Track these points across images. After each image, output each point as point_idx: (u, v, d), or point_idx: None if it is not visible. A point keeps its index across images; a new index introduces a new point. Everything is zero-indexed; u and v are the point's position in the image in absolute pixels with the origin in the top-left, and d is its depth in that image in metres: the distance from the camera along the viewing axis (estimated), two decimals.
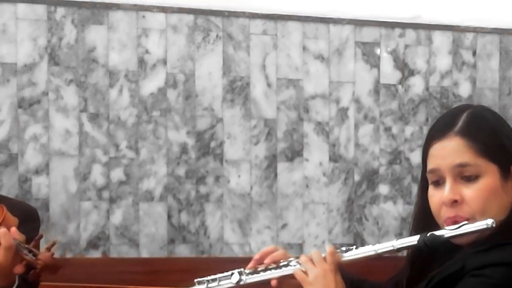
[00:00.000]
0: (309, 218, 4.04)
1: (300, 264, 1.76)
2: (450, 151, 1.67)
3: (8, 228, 2.12)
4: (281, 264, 1.80)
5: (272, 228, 3.99)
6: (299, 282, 1.72)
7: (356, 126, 4.11)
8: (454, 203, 1.65)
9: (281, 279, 1.78)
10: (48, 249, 2.15)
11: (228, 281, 1.84)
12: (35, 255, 2.10)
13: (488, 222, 1.59)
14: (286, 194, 4.00)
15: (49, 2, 3.66)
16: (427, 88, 4.21)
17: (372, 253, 1.72)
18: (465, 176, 1.66)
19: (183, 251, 3.87)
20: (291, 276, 1.76)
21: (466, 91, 4.27)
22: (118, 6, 3.76)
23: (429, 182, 1.72)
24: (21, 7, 3.63)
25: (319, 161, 4.05)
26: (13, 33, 3.62)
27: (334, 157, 4.07)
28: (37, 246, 2.15)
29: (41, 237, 2.18)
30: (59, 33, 3.69)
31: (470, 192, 1.64)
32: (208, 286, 1.88)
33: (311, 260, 1.74)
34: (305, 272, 1.73)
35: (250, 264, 1.85)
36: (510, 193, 1.68)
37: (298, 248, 4.00)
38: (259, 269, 1.83)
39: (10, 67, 3.63)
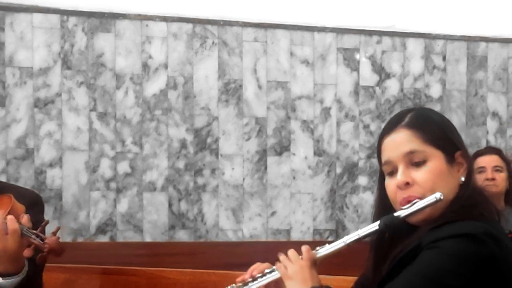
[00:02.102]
0: (295, 206, 4.10)
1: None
2: (399, 141, 1.72)
3: (17, 215, 2.13)
4: (266, 272, 1.81)
5: (263, 215, 4.05)
6: None
7: (338, 124, 4.16)
8: (407, 185, 1.69)
9: (268, 286, 1.79)
10: (54, 233, 2.15)
11: None
12: (42, 239, 2.09)
13: (437, 195, 1.64)
14: (275, 185, 4.07)
15: (62, 12, 3.75)
16: (401, 90, 4.27)
17: (342, 245, 1.73)
18: (414, 162, 1.69)
19: (182, 236, 3.93)
20: (276, 284, 1.78)
21: (437, 92, 4.33)
22: (124, 16, 3.85)
23: (385, 174, 1.76)
24: (37, 16, 3.72)
25: (305, 155, 4.12)
26: (29, 40, 3.71)
27: (318, 152, 4.14)
28: (43, 231, 2.16)
29: (46, 223, 2.18)
30: (71, 40, 3.78)
31: (419, 174, 1.69)
32: None
33: (289, 259, 1.76)
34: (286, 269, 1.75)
35: (240, 277, 1.84)
36: (456, 177, 1.71)
37: (286, 234, 4.07)
38: (248, 281, 1.82)
39: (27, 70, 3.71)
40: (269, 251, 1.89)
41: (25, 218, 2.09)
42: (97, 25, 3.83)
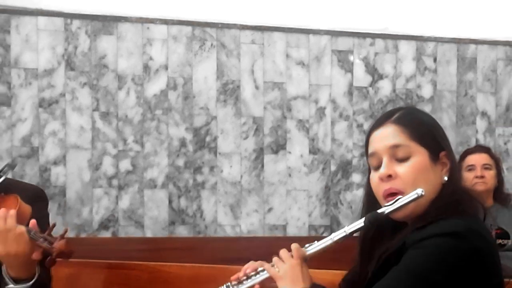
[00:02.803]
0: (291, 203, 4.14)
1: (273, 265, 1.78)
2: (386, 135, 1.74)
3: (24, 216, 2.10)
4: (259, 270, 1.81)
5: (260, 211, 4.09)
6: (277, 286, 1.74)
7: (332, 123, 4.20)
8: (389, 177, 1.71)
9: (262, 284, 1.79)
10: (62, 236, 2.09)
11: None
12: (50, 243, 2.06)
13: (418, 191, 1.65)
14: (271, 182, 4.11)
15: (66, 15, 3.80)
16: (394, 90, 4.31)
17: (330, 242, 1.74)
18: (398, 157, 1.71)
19: (182, 231, 3.97)
20: (270, 281, 1.78)
21: (428, 93, 4.37)
22: (126, 19, 3.90)
23: (370, 167, 1.78)
24: (42, 19, 3.78)
25: (300, 153, 4.16)
26: (34, 42, 3.76)
27: (313, 150, 4.18)
28: (50, 234, 2.11)
29: (53, 226, 2.14)
30: (74, 42, 3.83)
31: (402, 169, 1.70)
32: None
33: (281, 259, 1.76)
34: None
35: (235, 276, 1.84)
36: (439, 175, 1.73)
37: (282, 229, 4.11)
38: (242, 279, 1.81)
39: (32, 72, 3.76)
40: (266, 246, 1.98)
41: (32, 222, 2.06)
42: (99, 27, 3.87)
